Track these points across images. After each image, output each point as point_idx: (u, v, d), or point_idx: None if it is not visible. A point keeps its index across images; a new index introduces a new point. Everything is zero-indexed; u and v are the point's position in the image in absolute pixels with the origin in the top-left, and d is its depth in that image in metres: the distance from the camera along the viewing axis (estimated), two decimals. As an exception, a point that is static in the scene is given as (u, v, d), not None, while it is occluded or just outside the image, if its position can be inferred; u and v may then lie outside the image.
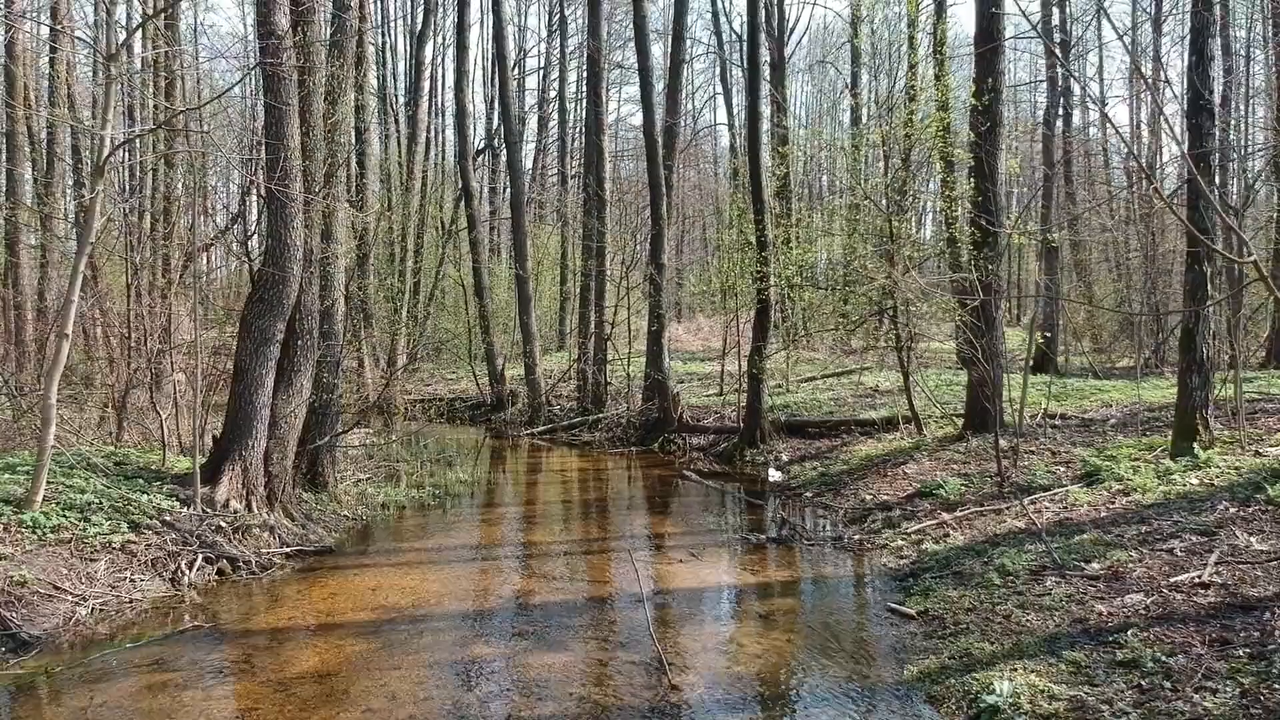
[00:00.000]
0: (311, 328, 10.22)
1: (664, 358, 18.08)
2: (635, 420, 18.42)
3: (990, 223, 12.99)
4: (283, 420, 9.98)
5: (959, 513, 9.73)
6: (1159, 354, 23.83)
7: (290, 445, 10.11)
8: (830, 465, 13.55)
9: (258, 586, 8.30)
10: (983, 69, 13.17)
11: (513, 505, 12.67)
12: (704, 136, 50.27)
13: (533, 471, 15.98)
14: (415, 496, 12.45)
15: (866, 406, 16.46)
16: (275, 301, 9.59)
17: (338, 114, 10.97)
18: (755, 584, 8.23)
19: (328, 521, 10.55)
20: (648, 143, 17.80)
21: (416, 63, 24.80)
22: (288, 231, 9.54)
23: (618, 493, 13.60)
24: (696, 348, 31.53)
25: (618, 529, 10.76)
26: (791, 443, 15.62)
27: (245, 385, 9.57)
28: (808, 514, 11.42)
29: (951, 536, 9.03)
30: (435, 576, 8.48)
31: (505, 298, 30.27)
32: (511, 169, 22.52)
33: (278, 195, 9.40)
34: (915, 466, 12.09)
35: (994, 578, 7.45)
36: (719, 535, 10.27)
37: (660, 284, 17.89)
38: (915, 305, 13.33)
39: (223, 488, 9.42)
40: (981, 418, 13.03)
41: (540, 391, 21.16)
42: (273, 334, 9.61)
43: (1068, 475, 10.50)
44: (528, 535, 10.40)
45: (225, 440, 9.67)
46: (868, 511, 10.70)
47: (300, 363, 10.14)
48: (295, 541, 9.49)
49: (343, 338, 11.52)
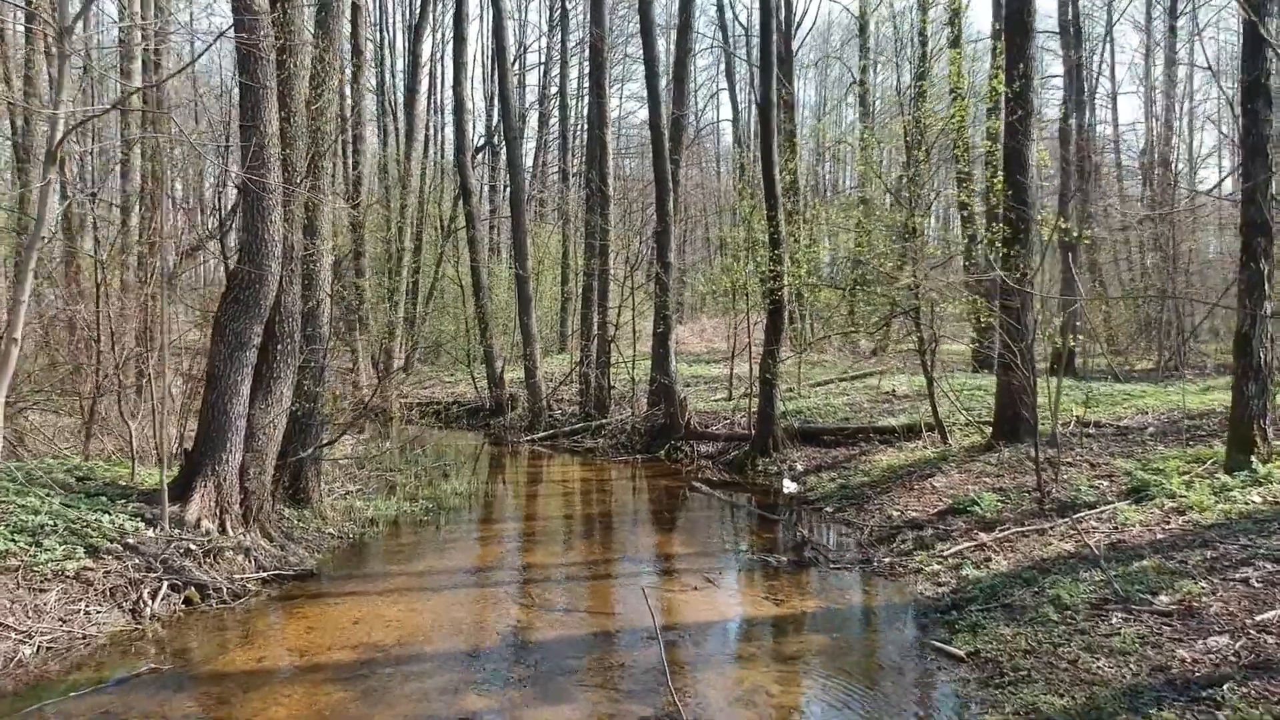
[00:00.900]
0: (292, 330, 9.41)
1: (670, 361, 17.26)
2: (640, 426, 17.61)
3: (1022, 217, 12.19)
4: (261, 431, 9.17)
5: (998, 533, 8.91)
6: (1179, 356, 23.03)
7: (269, 458, 9.30)
8: (850, 477, 12.73)
9: (229, 617, 7.49)
10: (1013, 54, 12.36)
11: (511, 520, 11.85)
12: (706, 135, 49.47)
13: (533, 482, 15.17)
14: (407, 511, 11.64)
15: (885, 413, 15.64)
16: (251, 302, 8.78)
17: (322, 100, 10.16)
18: (779, 616, 7.41)
19: (310, 541, 9.74)
20: (653, 136, 16.98)
21: (413, 56, 24.02)
22: (265, 225, 8.73)
23: (623, 506, 12.78)
24: (700, 349, 30.71)
25: (624, 548, 9.94)
26: (806, 451, 14.80)
27: (219, 394, 8.76)
28: (829, 532, 10.60)
29: (994, 561, 8.21)
30: (425, 607, 7.66)
31: (505, 298, 29.46)
32: (511, 165, 21.71)
33: (254, 185, 8.59)
34: (944, 479, 11.27)
35: (1050, 612, 6.63)
36: (734, 556, 9.45)
37: (667, 283, 17.08)
38: (940, 306, 12.51)
39: (194, 506, 8.61)
40: (1012, 426, 12.23)
41: (541, 395, 20.35)
42: (249, 337, 8.80)
43: (1113, 490, 9.68)
44: (526, 555, 9.58)
45: (197, 454, 8.86)
46: (896, 530, 9.88)
47: (280, 369, 9.33)
48: (273, 564, 8.68)
49: (328, 341, 10.71)
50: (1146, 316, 25.25)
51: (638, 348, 19.88)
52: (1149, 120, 33.42)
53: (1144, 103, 35.18)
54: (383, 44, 39.35)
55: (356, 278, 24.67)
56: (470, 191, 22.21)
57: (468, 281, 24.56)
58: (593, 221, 19.23)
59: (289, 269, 9.31)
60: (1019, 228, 12.13)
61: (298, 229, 9.40)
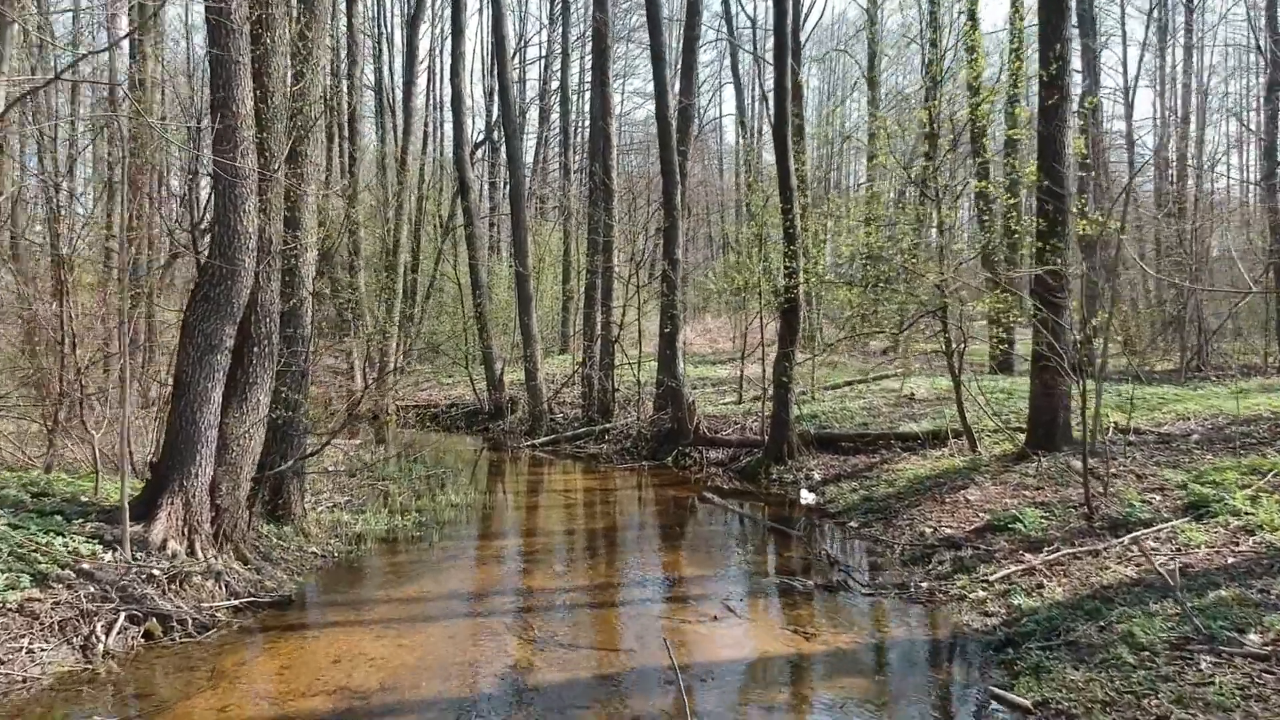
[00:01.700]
0: (270, 331, 8.58)
1: (678, 362, 16.44)
2: (646, 431, 16.78)
3: (1059, 208, 11.37)
4: (234, 442, 8.34)
5: (1046, 554, 8.08)
6: (1202, 356, 22.18)
7: (244, 471, 8.47)
8: (873, 487, 11.90)
9: (195, 653, 6.67)
10: (1048, 34, 11.54)
11: (510, 536, 11.01)
12: (709, 132, 48.63)
13: (533, 492, 14.33)
14: (399, 526, 10.82)
15: (906, 418, 14.80)
16: (223, 300, 7.96)
17: (305, 80, 9.33)
18: (813, 654, 6.58)
19: (291, 562, 8.91)
20: (660, 126, 16.15)
21: (410, 48, 23.18)
22: (238, 216, 7.90)
23: (630, 518, 11.95)
24: (705, 350, 29.88)
25: (632, 568, 9.11)
26: (823, 459, 13.97)
27: (187, 401, 7.93)
28: (856, 550, 9.77)
29: (1047, 588, 7.37)
30: (413, 641, 6.84)
31: (505, 297, 28.63)
32: (511, 160, 20.88)
33: (224, 171, 7.77)
34: (978, 492, 10.43)
35: (1124, 653, 5.80)
36: (755, 578, 8.62)
37: (675, 281, 16.25)
38: (970, 304, 11.69)
39: (158, 526, 7.78)
40: (1048, 432, 11.41)
41: (542, 398, 19.52)
42: (220, 339, 7.97)
43: (1167, 506, 8.85)
44: (526, 577, 8.74)
45: (163, 467, 8.04)
46: (930, 549, 9.05)
47: (256, 373, 8.50)
48: (247, 590, 7.85)
49: (311, 343, 9.90)
50: (1166, 315, 24.43)
51: (643, 348, 19.06)
52: (1163, 113, 32.60)
53: (1157, 95, 34.35)
54: (381, 39, 38.55)
55: (351, 275, 23.85)
56: (468, 186, 21.37)
57: (466, 280, 23.74)
58: (596, 216, 18.40)
59: (266, 264, 8.48)
60: (1056, 220, 11.30)
61: (276, 220, 8.58)
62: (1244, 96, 36.83)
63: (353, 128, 21.20)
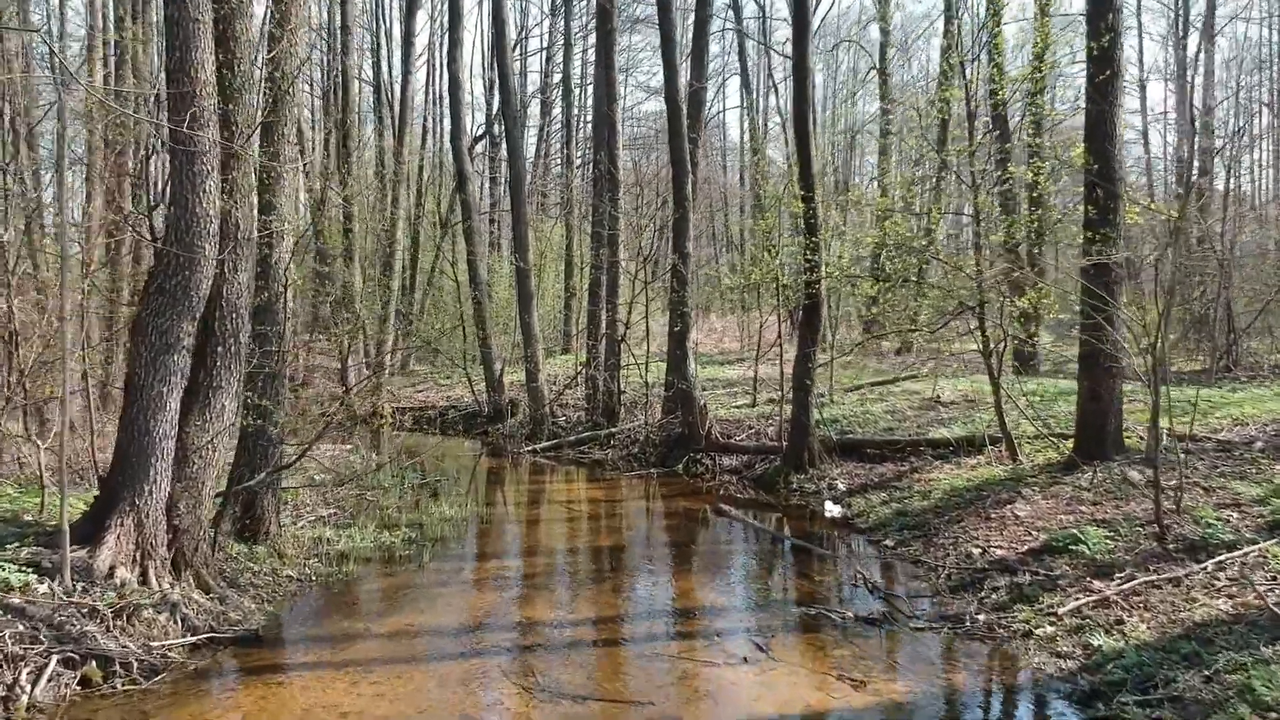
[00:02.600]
0: (236, 329, 7.60)
1: (689, 363, 15.45)
2: (655, 436, 15.79)
3: (1110, 194, 10.37)
4: (196, 454, 7.36)
5: (1119, 581, 7.08)
6: (1231, 355, 21.19)
7: (206, 487, 7.49)
8: (906, 499, 10.90)
9: (138, 704, 5.70)
10: (1098, 3, 10.54)
11: (508, 556, 10.01)
12: (712, 128, 47.57)
13: (533, 503, 13.34)
14: (386, 543, 9.83)
15: (934, 422, 13.81)
16: (180, 293, 6.97)
17: (280, 47, 8.35)
18: (865, 707, 5.58)
19: (262, 588, 7.92)
20: (669, 110, 15.15)
21: (406, 33, 22.21)
22: (196, 196, 6.92)
23: (639, 534, 10.95)
24: (711, 350, 28.87)
25: (644, 596, 8.11)
26: (846, 467, 12.98)
27: (140, 409, 6.95)
28: (896, 572, 8.77)
29: (1128, 624, 6.38)
30: (394, 688, 5.85)
31: (505, 295, 27.65)
32: (510, 149, 19.89)
33: (181, 144, 6.80)
34: (1026, 507, 9.43)
35: (1246, 715, 4.81)
36: (784, 608, 7.62)
37: (685, 276, 15.27)
38: (1012, 299, 10.69)
39: (106, 550, 6.79)
40: (1097, 439, 10.41)
41: (544, 401, 18.53)
42: (177, 337, 6.99)
43: (1247, 525, 7.85)
44: (526, 607, 7.74)
45: (113, 483, 7.05)
46: (981, 574, 8.05)
47: (221, 376, 7.52)
48: (208, 624, 6.87)
49: (287, 342, 8.92)
50: (1193, 313, 23.45)
51: (651, 348, 18.07)
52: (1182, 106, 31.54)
53: (1176, 88, 33.28)
54: (379, 32, 37.62)
55: (346, 270, 22.90)
56: (466, 178, 20.39)
57: (465, 278, 22.78)
58: (600, 208, 17.41)
59: (232, 252, 7.50)
60: (1107, 206, 10.31)
61: (244, 203, 7.59)
62: (1258, 89, 35.78)
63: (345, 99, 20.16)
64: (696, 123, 16.26)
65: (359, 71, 40.91)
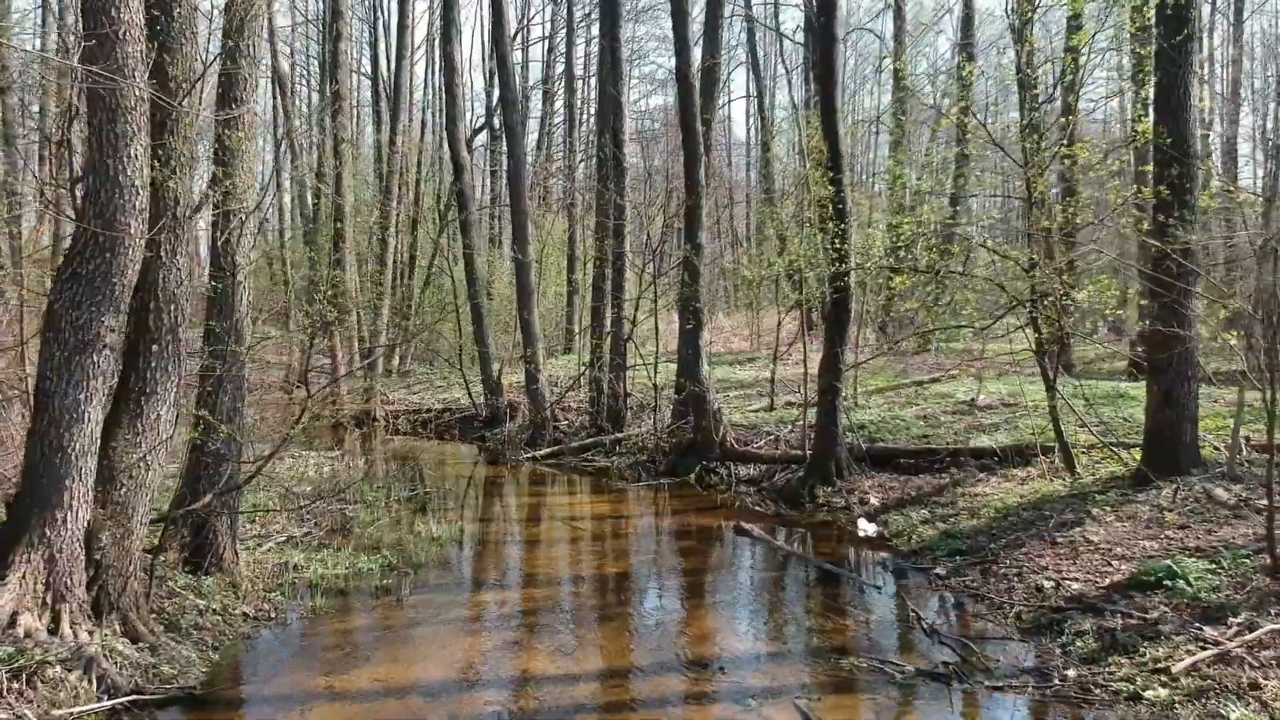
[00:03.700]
0: (174, 323, 6.38)
1: (702, 363, 14.22)
2: (664, 443, 14.55)
3: (1185, 173, 9.13)
4: (125, 474, 6.15)
5: (1237, 629, 5.83)
6: (1272, 355, 19.96)
7: (138, 512, 6.27)
8: (951, 518, 9.67)
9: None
10: (1171, -44, 9.29)
11: (502, 587, 8.75)
12: (716, 122, 46.32)
13: (532, 519, 12.09)
14: (364, 569, 8.61)
15: (972, 429, 12.57)
16: (100, 280, 5.76)
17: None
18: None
19: (209, 630, 6.71)
20: (681, 89, 13.92)
21: (401, 14, 21.00)
22: (119, 162, 5.71)
23: (651, 560, 9.70)
24: (719, 349, 27.64)
25: (661, 642, 6.85)
26: (878, 478, 11.74)
27: (51, 420, 5.73)
28: (950, 608, 7.53)
29: (1266, 688, 5.14)
30: (350, 777, 4.63)
31: (505, 294, 26.42)
32: (508, 132, 18.66)
33: (99, 99, 5.59)
34: (1099, 530, 8.19)
35: None
36: (829, 658, 6.36)
37: (698, 268, 14.05)
38: (1072, 294, 9.46)
39: (7, 594, 5.57)
40: (1170, 451, 9.17)
41: (544, 404, 17.29)
42: (97, 333, 5.77)
43: (1376, 556, 6.61)
44: (522, 657, 6.50)
45: (20, 511, 5.84)
46: (1058, 613, 6.80)
47: (155, 380, 6.30)
48: (133, 682, 5.65)
49: (245, 339, 7.70)
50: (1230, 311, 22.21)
51: (660, 347, 16.84)
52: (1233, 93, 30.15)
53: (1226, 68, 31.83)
54: (376, 24, 36.47)
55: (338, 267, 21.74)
56: (462, 167, 19.16)
57: (461, 277, 21.55)
58: (605, 197, 16.17)
59: (170, 232, 6.28)
60: (1182, 185, 9.07)
61: (184, 173, 6.37)
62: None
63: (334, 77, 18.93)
64: (710, 102, 15.05)
65: (356, 65, 39.82)
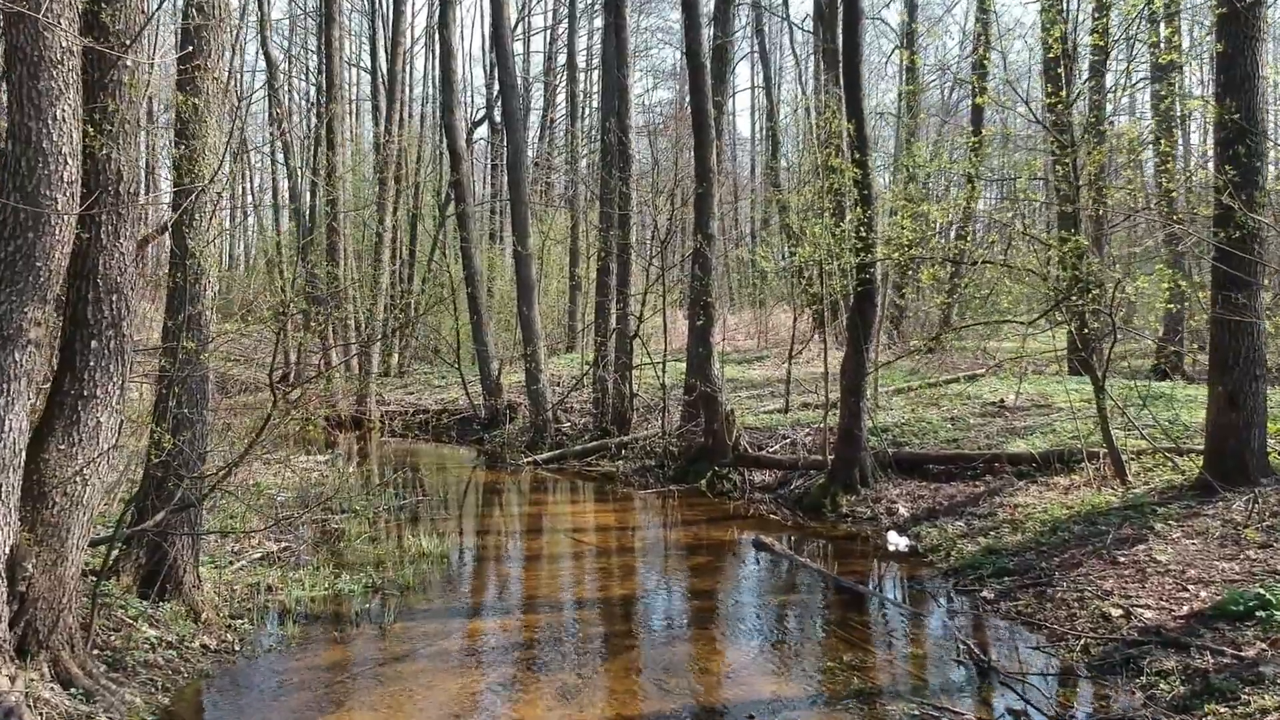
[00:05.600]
0: (118, 316, 5.52)
1: (713, 362, 13.39)
2: (673, 447, 13.72)
3: (1254, 151, 8.27)
4: (58, 490, 5.30)
5: (1356, 674, 4.97)
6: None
7: (74, 534, 5.42)
8: (992, 531, 8.80)
9: None
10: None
11: (497, 613, 7.87)
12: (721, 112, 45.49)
13: (532, 530, 11.23)
14: (344, 590, 7.77)
15: (1005, 432, 11.71)
16: (22, 264, 4.91)
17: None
18: None
19: (160, 667, 5.85)
20: (691, 67, 13.06)
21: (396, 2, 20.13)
22: (43, 125, 4.86)
23: (663, 579, 8.84)
24: (726, 348, 26.79)
25: (680, 683, 5.96)
26: (906, 486, 10.89)
27: (-34, 428, 4.88)
28: (1003, 638, 6.65)
29: None
30: None
31: (506, 291, 25.59)
32: (508, 118, 17.81)
33: (23, 48, 4.74)
34: (1166, 548, 7.32)
35: None
36: (875, 703, 5.49)
37: (709, 261, 13.21)
38: (1124, 286, 8.59)
39: (-89, 633, 4.73)
40: (1237, 459, 8.31)
41: (546, 405, 16.46)
42: (19, 327, 4.92)
43: None
44: (518, 702, 5.63)
45: (-70, 534, 4.99)
46: (1134, 648, 5.92)
47: (95, 382, 5.45)
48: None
49: (209, 334, 6.86)
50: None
51: (668, 345, 15.99)
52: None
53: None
54: (374, 16, 35.63)
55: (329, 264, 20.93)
56: (459, 156, 18.31)
57: (457, 273, 20.71)
58: (609, 186, 15.32)
59: (111, 210, 5.42)
60: (1251, 166, 8.20)
61: (128, 141, 5.52)
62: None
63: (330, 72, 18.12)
64: (722, 83, 14.22)
65: (355, 58, 38.96)
